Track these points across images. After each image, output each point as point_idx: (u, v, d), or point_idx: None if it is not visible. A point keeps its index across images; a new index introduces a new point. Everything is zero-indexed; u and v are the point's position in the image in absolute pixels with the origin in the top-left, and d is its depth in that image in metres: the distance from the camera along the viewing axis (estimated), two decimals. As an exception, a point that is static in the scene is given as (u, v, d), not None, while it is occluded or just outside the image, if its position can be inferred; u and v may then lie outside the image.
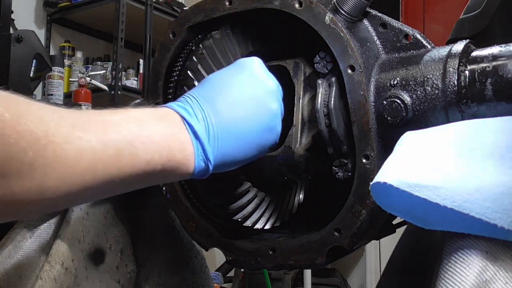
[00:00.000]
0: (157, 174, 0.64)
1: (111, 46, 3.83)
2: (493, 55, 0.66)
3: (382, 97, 0.72)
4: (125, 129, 0.60)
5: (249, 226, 0.85)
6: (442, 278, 0.53)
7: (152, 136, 0.63)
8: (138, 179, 0.62)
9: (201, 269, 1.08)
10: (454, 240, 0.54)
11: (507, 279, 0.50)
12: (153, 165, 0.63)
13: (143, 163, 0.61)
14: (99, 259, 0.96)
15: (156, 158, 0.63)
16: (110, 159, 0.57)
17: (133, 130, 0.61)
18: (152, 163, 0.62)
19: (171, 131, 0.65)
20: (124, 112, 0.63)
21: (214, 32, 0.83)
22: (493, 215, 0.50)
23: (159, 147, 0.63)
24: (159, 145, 0.63)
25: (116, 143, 0.58)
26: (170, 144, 0.64)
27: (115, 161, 0.58)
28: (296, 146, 0.79)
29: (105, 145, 0.57)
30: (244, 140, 0.71)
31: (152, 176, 0.64)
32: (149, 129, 0.63)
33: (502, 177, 0.52)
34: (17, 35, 2.01)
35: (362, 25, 0.76)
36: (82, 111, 0.59)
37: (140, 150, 0.61)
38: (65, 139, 0.53)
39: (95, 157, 0.56)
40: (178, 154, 0.65)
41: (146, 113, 0.65)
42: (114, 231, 0.99)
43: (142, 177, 0.62)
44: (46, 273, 0.85)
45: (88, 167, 0.55)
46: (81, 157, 0.54)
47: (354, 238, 0.73)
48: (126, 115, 0.63)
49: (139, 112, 0.65)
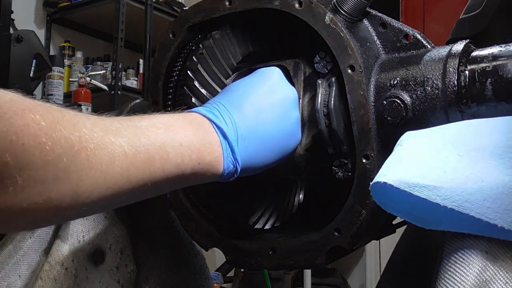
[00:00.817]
0: (187, 177, 0.65)
1: (111, 46, 3.83)
2: (493, 55, 0.66)
3: (382, 97, 0.72)
4: (154, 134, 0.62)
5: (249, 226, 0.85)
6: (442, 278, 0.53)
7: (182, 139, 0.64)
8: (169, 182, 0.64)
9: (201, 269, 1.08)
10: (454, 240, 0.54)
11: (507, 279, 0.50)
12: (183, 168, 0.64)
13: (173, 167, 0.63)
14: (99, 259, 0.96)
15: (186, 161, 0.64)
16: (141, 163, 0.59)
17: (163, 134, 0.63)
18: (182, 166, 0.64)
19: (200, 134, 0.67)
20: (152, 117, 0.65)
21: (214, 32, 0.83)
22: (493, 215, 0.50)
23: (189, 150, 0.65)
24: (188, 148, 0.65)
25: (147, 147, 0.60)
26: (199, 147, 0.66)
27: (147, 165, 0.60)
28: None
29: (136, 149, 0.58)
30: (269, 144, 0.74)
31: (182, 179, 0.65)
32: (178, 133, 0.65)
33: (502, 177, 0.52)
34: (17, 35, 2.01)
35: (362, 25, 0.76)
36: (112, 118, 0.61)
37: (171, 153, 0.62)
38: (97, 144, 0.55)
39: (127, 161, 0.57)
40: (207, 156, 0.67)
41: (174, 118, 0.67)
42: (114, 231, 0.99)
43: (173, 181, 0.64)
44: (46, 273, 0.85)
45: (120, 172, 0.56)
46: (114, 162, 0.56)
47: (354, 238, 0.73)
48: (154, 120, 0.64)
49: (166, 117, 0.67)
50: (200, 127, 0.69)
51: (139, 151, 0.59)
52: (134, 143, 0.59)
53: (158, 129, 0.63)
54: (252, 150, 0.72)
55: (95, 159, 0.54)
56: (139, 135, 0.60)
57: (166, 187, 0.66)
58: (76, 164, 0.52)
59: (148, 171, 0.60)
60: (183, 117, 0.69)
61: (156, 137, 0.62)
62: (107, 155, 0.55)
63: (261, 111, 0.74)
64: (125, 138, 0.58)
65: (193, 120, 0.69)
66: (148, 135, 0.61)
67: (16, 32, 2.08)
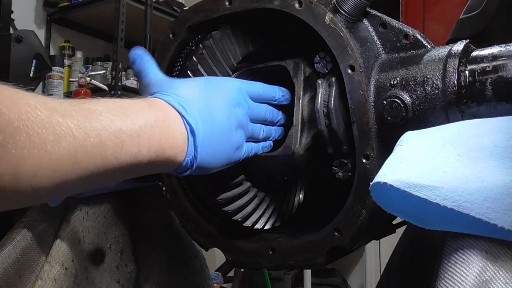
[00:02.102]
0: (143, 166, 0.63)
1: (111, 46, 3.83)
2: (493, 55, 0.66)
3: (382, 97, 0.72)
4: (109, 120, 0.58)
5: (249, 226, 0.85)
6: (442, 278, 0.53)
7: (141, 129, 0.61)
8: (123, 171, 0.61)
9: (201, 269, 1.08)
10: (454, 240, 0.54)
11: (507, 279, 0.50)
12: (140, 159, 0.61)
13: (128, 156, 0.60)
14: (99, 259, 0.96)
15: (143, 152, 0.61)
16: (91, 147, 0.56)
17: (119, 121, 0.59)
18: (139, 156, 0.61)
19: (164, 125, 0.64)
20: (111, 102, 0.61)
21: (214, 32, 0.83)
22: (493, 215, 0.50)
23: (148, 141, 0.62)
24: (148, 138, 0.62)
25: (98, 132, 0.57)
26: (160, 139, 0.63)
27: (98, 151, 0.57)
28: (296, 146, 0.79)
29: (86, 133, 0.55)
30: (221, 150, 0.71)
31: (137, 169, 0.63)
32: (138, 121, 0.61)
33: (502, 177, 0.52)
34: (17, 35, 2.01)
35: (362, 25, 0.76)
36: (65, 100, 0.57)
37: (126, 142, 0.59)
38: (41, 123, 0.52)
39: (75, 144, 0.54)
40: (168, 150, 0.64)
41: (137, 104, 0.64)
42: (114, 231, 0.99)
43: (127, 170, 0.61)
44: (46, 273, 0.85)
45: (67, 154, 0.54)
46: (60, 143, 0.53)
47: (354, 238, 0.73)
48: (112, 105, 0.61)
49: (128, 103, 0.63)
50: (166, 117, 0.65)
51: (89, 135, 0.56)
52: (84, 126, 0.55)
53: (114, 115, 0.59)
54: (209, 152, 0.69)
55: (38, 138, 0.51)
56: (90, 118, 0.57)
57: (120, 176, 0.62)
58: (15, 142, 0.49)
59: (99, 157, 0.57)
60: (148, 103, 0.65)
61: (110, 123, 0.58)
62: (52, 134, 0.52)
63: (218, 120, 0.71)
64: (74, 120, 0.55)
65: (159, 109, 0.66)
66: (101, 119, 0.58)
67: (16, 32, 2.08)
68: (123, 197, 1.03)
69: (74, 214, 0.92)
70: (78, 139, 0.55)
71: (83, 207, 0.94)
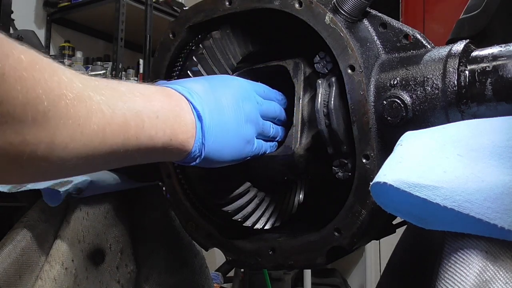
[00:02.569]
0: (157, 150, 0.64)
1: (111, 46, 3.83)
2: (493, 55, 0.66)
3: (382, 97, 0.72)
4: (132, 100, 0.60)
5: (249, 226, 0.85)
6: (442, 278, 0.53)
7: (158, 111, 0.63)
8: (140, 153, 0.62)
9: (201, 269, 1.08)
10: (454, 240, 0.54)
11: (507, 279, 0.50)
12: (156, 141, 0.63)
13: (147, 138, 0.61)
14: (99, 259, 0.96)
15: (159, 135, 0.63)
16: (117, 126, 0.57)
17: (140, 102, 0.61)
18: (156, 139, 0.63)
19: (176, 111, 0.66)
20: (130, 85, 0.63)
21: (214, 32, 0.83)
22: (493, 215, 0.50)
23: (164, 124, 0.64)
24: (164, 122, 0.64)
25: (123, 111, 0.58)
26: (174, 124, 0.65)
27: (122, 130, 0.58)
28: (296, 146, 0.79)
29: (114, 111, 0.57)
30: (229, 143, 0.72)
31: (152, 153, 0.64)
32: (155, 105, 0.63)
33: (502, 177, 0.52)
34: (17, 35, 2.01)
35: (362, 25, 0.76)
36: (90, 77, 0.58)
37: (146, 123, 0.61)
38: (76, 95, 0.52)
39: (104, 120, 0.55)
40: (180, 135, 0.66)
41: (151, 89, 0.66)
42: (114, 231, 0.99)
43: (143, 152, 0.62)
44: (46, 273, 0.85)
45: (97, 130, 0.55)
46: (91, 118, 0.54)
47: (354, 238, 0.73)
48: (132, 88, 0.62)
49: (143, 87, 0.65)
50: (177, 104, 0.67)
51: (116, 113, 0.57)
52: (112, 104, 0.57)
53: (136, 96, 0.61)
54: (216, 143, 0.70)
55: (74, 109, 0.51)
56: (116, 97, 0.58)
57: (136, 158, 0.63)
58: (55, 110, 0.49)
59: (122, 137, 0.58)
60: (161, 90, 0.67)
61: (134, 104, 0.60)
62: (85, 108, 0.53)
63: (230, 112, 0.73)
64: (103, 97, 0.55)
65: (170, 96, 0.67)
66: (125, 100, 0.59)
67: (16, 32, 2.08)
68: (123, 197, 1.03)
69: (74, 214, 0.92)
70: (106, 116, 0.56)
71: (83, 207, 0.94)
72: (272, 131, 0.81)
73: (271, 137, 0.81)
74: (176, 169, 0.87)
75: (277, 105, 0.83)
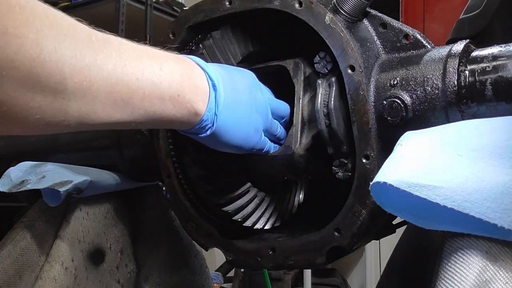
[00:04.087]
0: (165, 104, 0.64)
1: (111, 46, 3.82)
2: (493, 55, 0.66)
3: (382, 97, 0.72)
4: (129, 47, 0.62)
5: (249, 226, 0.85)
6: (442, 278, 0.53)
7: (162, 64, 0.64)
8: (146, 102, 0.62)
9: (201, 269, 1.08)
10: (454, 240, 0.54)
11: (507, 279, 0.50)
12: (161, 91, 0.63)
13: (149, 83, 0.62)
14: (99, 259, 0.96)
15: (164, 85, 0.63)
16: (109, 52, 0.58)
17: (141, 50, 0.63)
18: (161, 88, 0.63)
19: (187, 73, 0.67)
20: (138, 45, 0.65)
21: (214, 32, 0.84)
22: (493, 214, 0.50)
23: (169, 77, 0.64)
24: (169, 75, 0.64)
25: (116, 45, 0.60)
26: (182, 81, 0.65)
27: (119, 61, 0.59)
28: (296, 146, 0.79)
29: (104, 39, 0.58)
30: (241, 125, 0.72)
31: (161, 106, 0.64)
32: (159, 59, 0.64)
33: (502, 177, 0.52)
34: (17, 35, 2.01)
35: (362, 25, 0.76)
36: None
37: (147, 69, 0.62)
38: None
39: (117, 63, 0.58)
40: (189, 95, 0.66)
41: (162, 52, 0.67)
42: (114, 231, 0.99)
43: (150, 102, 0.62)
44: (46, 273, 0.85)
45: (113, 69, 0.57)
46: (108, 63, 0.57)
47: (354, 238, 0.73)
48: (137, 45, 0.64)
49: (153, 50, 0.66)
50: (191, 68, 0.68)
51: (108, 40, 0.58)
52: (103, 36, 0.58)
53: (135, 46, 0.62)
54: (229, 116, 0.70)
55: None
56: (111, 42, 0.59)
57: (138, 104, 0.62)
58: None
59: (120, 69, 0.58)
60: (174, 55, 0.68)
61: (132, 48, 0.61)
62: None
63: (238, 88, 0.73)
64: None
65: (184, 61, 0.68)
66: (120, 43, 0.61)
67: (16, 32, 2.08)
68: (123, 197, 1.03)
69: (74, 214, 0.92)
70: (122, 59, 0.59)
71: (83, 207, 0.94)
72: (279, 130, 0.82)
73: (276, 137, 0.82)
74: (176, 169, 0.87)
75: (287, 105, 0.84)
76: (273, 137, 0.81)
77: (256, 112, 0.75)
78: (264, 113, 0.77)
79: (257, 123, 0.75)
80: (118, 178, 0.99)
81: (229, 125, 0.71)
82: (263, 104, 0.77)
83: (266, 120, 0.78)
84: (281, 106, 0.82)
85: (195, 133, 0.70)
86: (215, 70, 0.71)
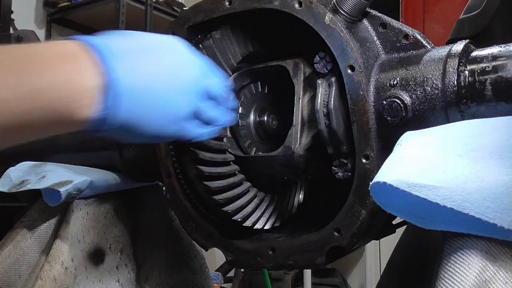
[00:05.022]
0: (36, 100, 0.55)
1: (111, 46, 3.82)
2: (493, 55, 0.66)
3: (382, 97, 0.72)
4: None
5: (249, 226, 0.85)
6: (442, 278, 0.53)
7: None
8: None
9: (201, 269, 1.08)
10: (454, 240, 0.54)
11: (507, 279, 0.50)
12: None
13: None
14: (99, 259, 0.96)
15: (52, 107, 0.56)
16: None
17: None
18: None
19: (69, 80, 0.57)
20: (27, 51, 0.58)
21: (214, 32, 0.83)
22: (493, 214, 0.50)
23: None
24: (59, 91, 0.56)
25: None
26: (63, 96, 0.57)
27: None
28: (296, 146, 0.79)
29: None
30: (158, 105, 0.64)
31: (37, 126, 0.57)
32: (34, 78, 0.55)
33: (502, 177, 0.52)
34: (17, 35, 2.01)
35: (362, 25, 0.76)
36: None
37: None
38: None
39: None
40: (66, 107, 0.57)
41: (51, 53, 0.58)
42: (114, 231, 0.99)
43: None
44: (46, 273, 0.86)
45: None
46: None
47: (354, 238, 0.73)
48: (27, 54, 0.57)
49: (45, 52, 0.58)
50: (76, 70, 0.58)
51: None
52: None
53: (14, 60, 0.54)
54: (136, 108, 0.62)
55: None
56: None
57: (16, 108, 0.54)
58: None
59: None
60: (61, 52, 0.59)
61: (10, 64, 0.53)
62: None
63: (153, 76, 0.64)
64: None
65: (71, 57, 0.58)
66: None
67: (16, 32, 2.08)
68: (123, 197, 1.03)
69: (74, 214, 0.92)
70: None
71: (83, 207, 0.94)
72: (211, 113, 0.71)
73: (206, 121, 0.72)
74: (176, 169, 0.87)
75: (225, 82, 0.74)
76: (204, 120, 0.71)
77: (178, 95, 0.66)
78: (191, 95, 0.68)
79: (176, 110, 0.66)
80: (118, 178, 0.99)
81: (135, 121, 0.63)
82: (190, 85, 0.68)
83: (190, 104, 0.68)
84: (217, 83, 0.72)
85: (94, 131, 0.62)
86: (119, 54, 0.61)
